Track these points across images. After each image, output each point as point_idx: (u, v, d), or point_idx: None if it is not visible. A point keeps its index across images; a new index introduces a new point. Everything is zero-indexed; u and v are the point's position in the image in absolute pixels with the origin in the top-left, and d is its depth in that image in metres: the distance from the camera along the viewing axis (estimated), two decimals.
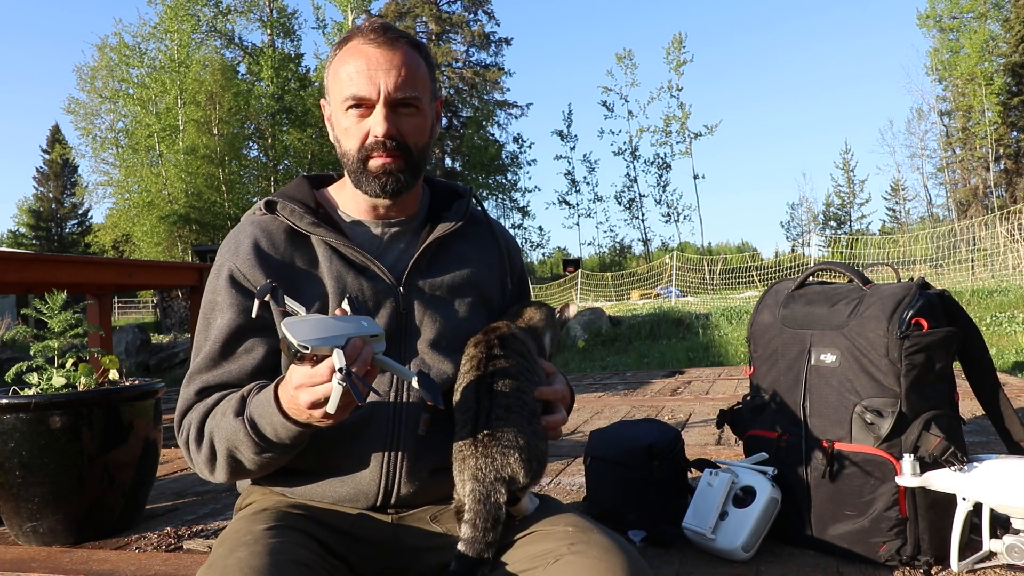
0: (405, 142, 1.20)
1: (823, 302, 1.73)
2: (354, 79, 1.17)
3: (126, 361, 10.14)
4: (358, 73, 1.17)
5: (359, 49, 1.18)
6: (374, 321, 1.02)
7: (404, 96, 1.18)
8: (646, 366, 7.83)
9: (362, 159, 1.20)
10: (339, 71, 1.20)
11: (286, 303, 0.99)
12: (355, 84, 1.17)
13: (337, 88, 1.20)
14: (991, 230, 15.82)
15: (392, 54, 1.18)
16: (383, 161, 1.20)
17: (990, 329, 8.28)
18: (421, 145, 1.23)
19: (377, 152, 1.19)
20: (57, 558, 1.90)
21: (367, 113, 1.18)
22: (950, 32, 32.35)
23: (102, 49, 25.38)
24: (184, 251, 24.74)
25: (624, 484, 1.86)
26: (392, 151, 1.19)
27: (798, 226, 48.87)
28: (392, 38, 1.19)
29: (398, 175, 1.21)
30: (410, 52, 1.20)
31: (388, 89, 1.16)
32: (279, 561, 0.96)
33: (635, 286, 22.51)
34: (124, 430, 2.09)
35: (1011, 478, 1.47)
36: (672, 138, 40.48)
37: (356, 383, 0.91)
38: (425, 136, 1.24)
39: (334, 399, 0.92)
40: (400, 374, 1.02)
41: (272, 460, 1.10)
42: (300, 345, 0.90)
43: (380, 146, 1.18)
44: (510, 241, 1.43)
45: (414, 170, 1.24)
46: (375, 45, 1.18)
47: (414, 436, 1.17)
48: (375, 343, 0.99)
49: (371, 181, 1.21)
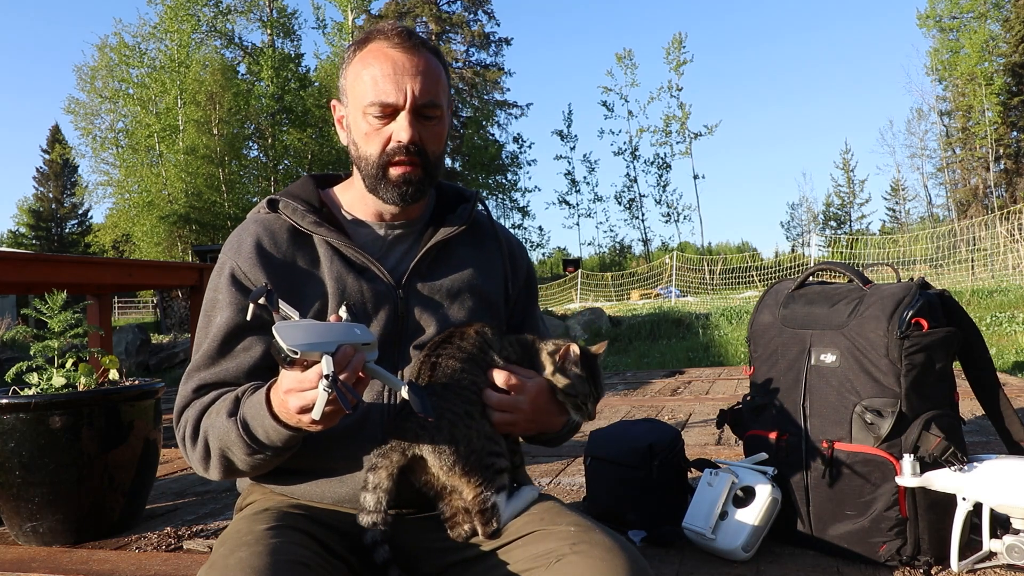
0: (425, 149, 1.20)
1: (823, 302, 1.73)
2: (380, 83, 1.16)
3: (126, 361, 10.13)
4: (384, 77, 1.16)
5: (384, 52, 1.17)
6: (368, 329, 1.02)
7: (429, 103, 1.17)
8: (646, 366, 7.83)
9: (382, 165, 1.20)
10: (362, 74, 1.18)
11: (280, 307, 0.99)
12: (381, 88, 1.16)
13: (359, 91, 1.19)
14: (991, 230, 15.82)
15: (418, 60, 1.17)
16: (403, 170, 1.19)
17: (990, 329, 8.28)
18: (439, 153, 1.24)
19: (399, 157, 1.18)
20: (57, 558, 1.90)
21: (390, 119, 1.18)
22: (950, 32, 32.35)
23: (102, 49, 25.38)
24: (184, 251, 24.73)
25: (624, 484, 1.86)
26: (413, 157, 1.19)
27: (798, 226, 48.93)
28: (417, 43, 1.19)
29: (418, 184, 1.21)
30: (432, 59, 1.20)
31: (415, 95, 1.16)
32: (280, 561, 0.96)
33: (635, 286, 22.52)
34: (124, 430, 2.09)
35: (1011, 478, 1.47)
36: (672, 138, 40.53)
37: (343, 391, 0.91)
38: (443, 143, 1.24)
39: (319, 405, 0.92)
40: (391, 384, 1.02)
41: (264, 461, 1.10)
42: (289, 350, 0.90)
43: (402, 151, 1.18)
44: (515, 244, 1.43)
45: (431, 178, 1.23)
46: (401, 50, 1.17)
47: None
48: (367, 351, 0.99)
49: (390, 189, 1.21)
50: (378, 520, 1.07)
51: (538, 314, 1.46)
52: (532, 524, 1.10)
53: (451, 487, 1.11)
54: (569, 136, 42.19)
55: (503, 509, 1.12)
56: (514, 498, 1.15)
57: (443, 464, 1.08)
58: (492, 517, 1.10)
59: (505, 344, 1.24)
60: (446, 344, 1.18)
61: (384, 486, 1.07)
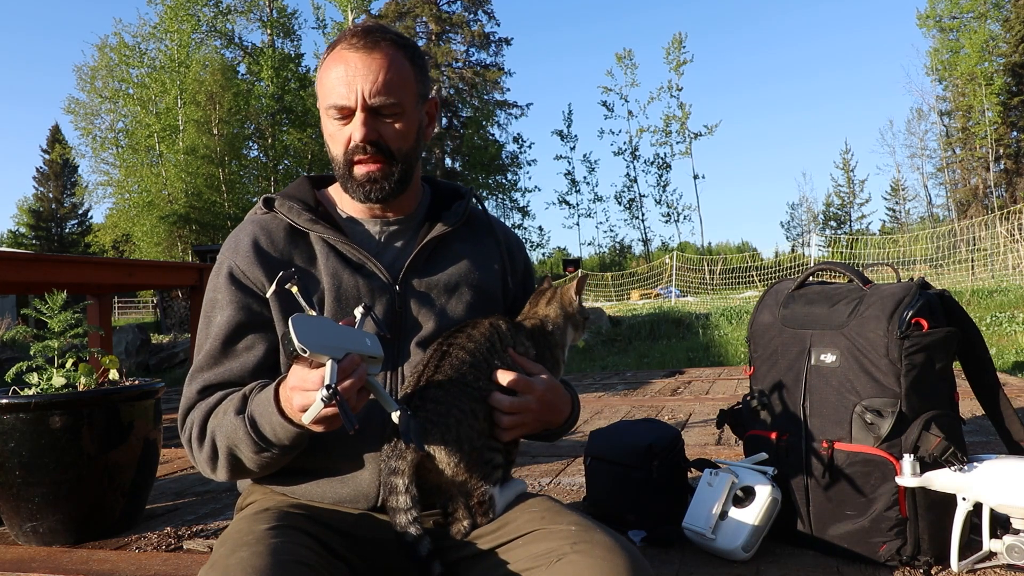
0: (388, 146, 1.21)
1: (823, 302, 1.73)
2: (334, 86, 1.18)
3: (126, 361, 10.13)
4: (338, 80, 1.18)
5: (340, 55, 1.19)
6: (378, 342, 1.02)
7: (382, 102, 1.17)
8: (646, 366, 7.83)
9: (347, 164, 1.22)
10: (323, 78, 1.21)
11: (300, 300, 1.00)
12: (335, 92, 1.18)
13: (322, 94, 1.22)
14: (991, 230, 15.82)
15: (371, 59, 1.17)
16: (366, 168, 1.21)
17: (990, 329, 8.28)
18: (406, 149, 1.23)
19: (359, 156, 1.20)
20: (57, 558, 1.90)
21: (348, 119, 1.19)
22: (950, 32, 32.35)
23: (102, 49, 25.39)
24: (184, 251, 24.73)
25: (624, 484, 1.86)
26: (374, 156, 1.20)
27: (798, 226, 48.92)
28: (373, 41, 1.18)
29: (382, 182, 1.22)
30: (393, 54, 1.19)
31: (365, 95, 1.16)
32: (281, 561, 0.96)
33: (635, 286, 22.51)
34: (124, 430, 2.09)
35: (1011, 478, 1.47)
36: (672, 138, 40.49)
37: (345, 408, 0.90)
38: (410, 140, 1.24)
39: (312, 411, 0.93)
40: (385, 403, 1.02)
41: (272, 460, 1.10)
42: (300, 347, 0.90)
43: (360, 150, 1.19)
44: (512, 239, 1.43)
45: (401, 175, 1.24)
46: (354, 50, 1.18)
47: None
48: (371, 364, 0.99)
49: (357, 188, 1.23)
50: (415, 515, 1.07)
51: None
52: (533, 523, 1.11)
53: (453, 482, 1.13)
54: (569, 136, 42.17)
55: (498, 499, 1.16)
56: (506, 488, 1.19)
57: (451, 460, 1.10)
58: (489, 508, 1.14)
59: (520, 338, 1.25)
60: (458, 334, 1.19)
61: (410, 486, 1.08)
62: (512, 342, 1.23)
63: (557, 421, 1.27)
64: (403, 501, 1.07)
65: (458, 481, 1.12)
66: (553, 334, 1.29)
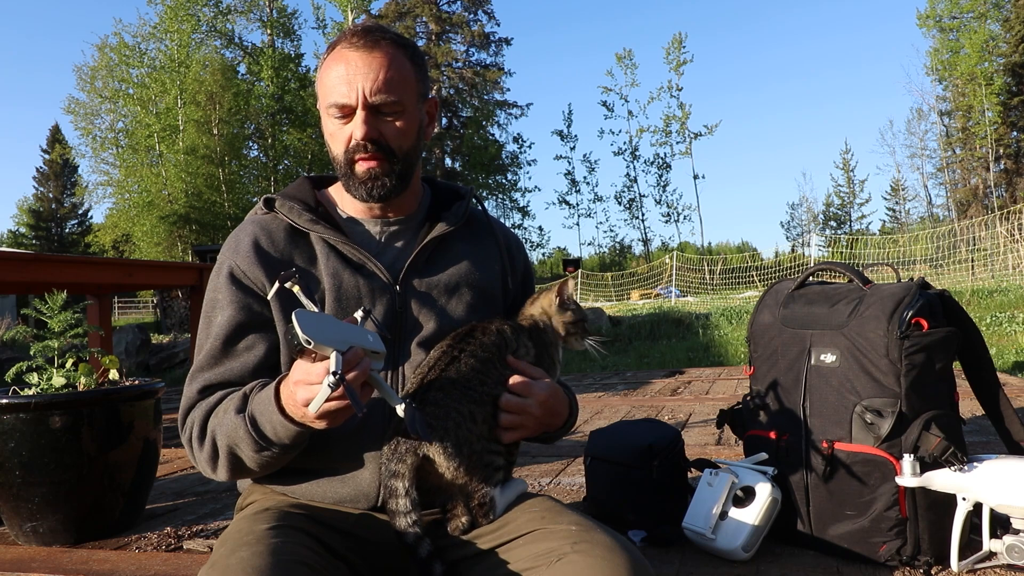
0: (389, 144, 1.21)
1: (823, 302, 1.73)
2: (335, 85, 1.18)
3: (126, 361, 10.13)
4: (338, 79, 1.18)
5: (341, 54, 1.19)
6: (380, 339, 1.03)
7: (383, 100, 1.18)
8: (646, 366, 7.83)
9: (348, 162, 1.22)
10: (323, 77, 1.21)
11: (302, 298, 1.00)
12: (336, 90, 1.18)
13: (323, 93, 1.22)
14: (991, 230, 15.82)
15: (371, 57, 1.18)
16: (368, 166, 1.21)
17: (990, 329, 8.28)
18: (407, 147, 1.24)
19: (360, 155, 1.20)
20: (57, 558, 1.90)
21: (349, 118, 1.19)
22: (950, 32, 32.34)
23: (102, 49, 25.39)
24: (184, 251, 24.73)
25: (624, 484, 1.86)
26: (375, 154, 1.20)
27: (798, 226, 48.93)
28: (373, 40, 1.19)
29: (384, 179, 1.22)
30: (393, 53, 1.20)
31: (365, 94, 1.17)
32: (282, 561, 0.96)
33: (635, 286, 22.51)
34: (124, 430, 2.09)
35: (1011, 478, 1.47)
36: (672, 138, 40.48)
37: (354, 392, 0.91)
38: (411, 138, 1.24)
39: (318, 400, 0.93)
40: (388, 398, 1.03)
41: (272, 459, 1.11)
42: (304, 339, 0.91)
43: (361, 148, 1.19)
44: (511, 239, 1.43)
45: (401, 173, 1.24)
46: (354, 49, 1.18)
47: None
48: (374, 360, 1.00)
49: (358, 186, 1.23)
50: (415, 518, 1.08)
51: None
52: (533, 523, 1.11)
53: (453, 484, 1.13)
54: (569, 136, 42.19)
55: (499, 500, 1.16)
56: (506, 488, 1.19)
57: (450, 463, 1.10)
58: (490, 510, 1.14)
59: (523, 342, 1.25)
60: (469, 339, 1.19)
61: (411, 489, 1.09)
62: (516, 345, 1.23)
63: (556, 424, 1.28)
64: (403, 504, 1.07)
65: (458, 484, 1.13)
66: (546, 332, 1.30)
